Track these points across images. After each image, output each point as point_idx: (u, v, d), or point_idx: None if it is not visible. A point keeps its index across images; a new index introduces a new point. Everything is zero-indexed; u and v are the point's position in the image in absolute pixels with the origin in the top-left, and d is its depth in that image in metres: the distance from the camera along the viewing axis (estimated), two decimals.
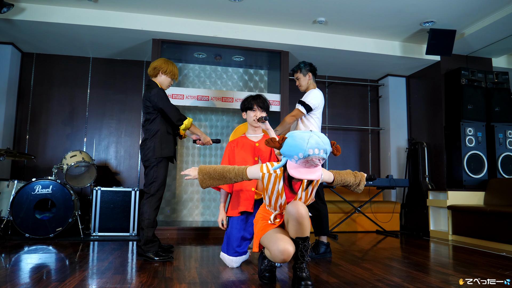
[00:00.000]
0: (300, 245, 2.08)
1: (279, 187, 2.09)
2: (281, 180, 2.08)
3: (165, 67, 3.19)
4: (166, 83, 3.22)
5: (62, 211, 3.87)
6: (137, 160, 5.16)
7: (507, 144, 4.76)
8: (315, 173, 1.91)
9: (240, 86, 5.40)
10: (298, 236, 2.08)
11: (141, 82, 5.29)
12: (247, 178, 2.17)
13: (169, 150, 3.08)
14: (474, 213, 4.12)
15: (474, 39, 4.62)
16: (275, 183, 2.09)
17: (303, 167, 1.89)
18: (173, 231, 4.27)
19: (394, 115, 5.74)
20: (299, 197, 2.11)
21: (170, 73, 3.21)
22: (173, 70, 3.22)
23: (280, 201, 2.12)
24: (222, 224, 2.83)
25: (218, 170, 2.18)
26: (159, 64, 3.20)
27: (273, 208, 2.20)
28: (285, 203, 2.12)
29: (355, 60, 5.18)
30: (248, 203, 2.73)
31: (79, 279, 2.27)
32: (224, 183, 2.20)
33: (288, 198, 2.12)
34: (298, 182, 2.10)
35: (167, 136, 3.09)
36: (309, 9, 4.16)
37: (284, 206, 2.15)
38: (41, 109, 5.01)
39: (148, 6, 4.16)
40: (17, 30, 4.34)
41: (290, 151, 1.89)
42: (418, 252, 3.51)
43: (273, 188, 2.10)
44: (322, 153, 1.86)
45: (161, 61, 3.22)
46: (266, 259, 2.31)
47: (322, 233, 3.22)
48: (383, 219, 5.09)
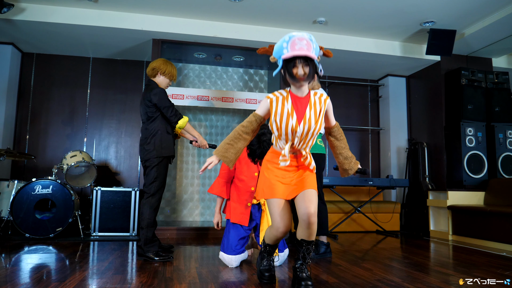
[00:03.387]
0: (304, 247, 2.09)
1: (288, 107, 2.04)
2: (288, 100, 2.05)
3: (163, 68, 3.21)
4: (164, 84, 3.24)
5: (62, 211, 3.87)
6: (137, 160, 5.16)
7: (507, 144, 4.76)
8: (307, 52, 1.90)
9: (240, 86, 5.40)
10: (304, 238, 2.07)
11: (141, 82, 5.29)
12: (260, 118, 2.12)
13: (169, 149, 3.09)
14: (474, 213, 4.12)
15: (474, 39, 4.62)
16: (283, 104, 2.04)
17: (293, 50, 1.91)
18: (173, 231, 4.27)
19: (394, 115, 5.74)
20: (308, 117, 2.04)
21: (169, 74, 3.23)
22: (171, 71, 3.24)
23: (291, 123, 2.01)
24: (217, 225, 2.95)
25: (230, 137, 2.12)
26: (157, 64, 3.21)
27: (284, 137, 2.07)
28: (296, 125, 2.02)
29: (355, 60, 5.18)
30: (245, 218, 2.81)
31: (79, 279, 2.27)
32: (244, 143, 2.13)
33: (298, 118, 2.03)
34: (303, 98, 2.07)
35: (167, 136, 3.10)
36: (309, 9, 4.16)
37: (295, 131, 2.02)
38: (41, 109, 5.01)
39: (148, 6, 4.16)
40: (17, 30, 4.34)
41: (278, 48, 1.97)
42: (418, 252, 3.51)
43: (282, 109, 2.04)
44: (305, 35, 1.92)
45: (160, 62, 3.23)
46: (264, 259, 2.31)
47: (322, 233, 3.22)
48: (383, 219, 5.09)
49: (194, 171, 5.11)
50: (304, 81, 1.98)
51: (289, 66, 1.94)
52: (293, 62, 1.93)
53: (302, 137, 2.05)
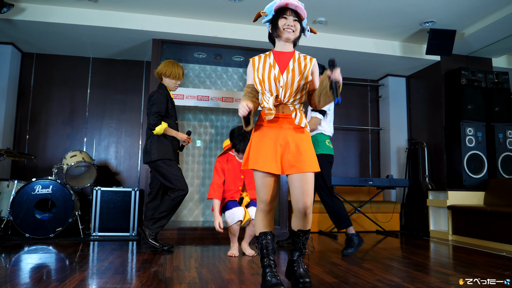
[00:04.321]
0: (302, 238, 2.08)
1: (270, 61, 2.07)
2: (271, 56, 2.10)
3: (164, 70, 3.27)
4: (171, 85, 3.35)
5: (62, 211, 3.87)
6: (137, 160, 5.16)
7: (507, 144, 4.76)
8: (298, 5, 2.01)
9: (240, 86, 5.40)
10: (301, 229, 2.07)
11: (141, 82, 5.30)
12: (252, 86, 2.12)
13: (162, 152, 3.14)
14: (474, 213, 4.12)
15: (474, 39, 4.62)
16: (265, 60, 2.09)
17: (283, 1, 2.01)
18: (173, 231, 4.26)
19: (394, 115, 5.74)
20: (291, 67, 2.03)
21: (172, 75, 3.29)
22: (173, 72, 3.28)
23: (273, 72, 2.02)
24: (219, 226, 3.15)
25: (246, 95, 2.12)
26: (160, 69, 3.31)
27: (268, 90, 2.04)
28: (279, 75, 2.01)
29: (355, 60, 5.18)
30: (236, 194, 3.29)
31: (79, 279, 2.27)
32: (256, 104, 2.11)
33: (281, 69, 2.03)
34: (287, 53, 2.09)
35: (163, 139, 3.17)
36: (309, 9, 4.13)
37: (278, 80, 2.01)
38: (41, 109, 5.01)
39: (148, 6, 4.16)
40: (17, 30, 4.34)
41: (270, 5, 2.07)
42: (418, 252, 3.51)
43: (264, 63, 2.07)
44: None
45: (162, 66, 3.31)
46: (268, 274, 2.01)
47: (347, 225, 3.29)
48: (383, 219, 5.08)
49: (194, 171, 5.11)
50: (291, 35, 2.04)
51: (279, 17, 2.04)
52: (283, 14, 2.04)
53: (287, 87, 2.02)
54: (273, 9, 2.06)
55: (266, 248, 2.05)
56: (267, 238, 2.06)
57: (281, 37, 2.07)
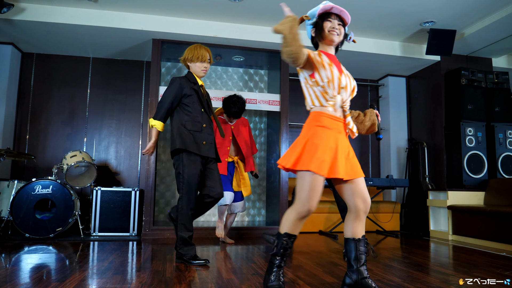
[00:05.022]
0: (368, 244, 2.08)
1: (325, 59, 2.01)
2: (322, 55, 2.04)
3: (186, 55, 2.88)
4: (198, 70, 2.97)
5: (62, 211, 3.87)
6: (137, 160, 5.16)
7: (507, 144, 4.76)
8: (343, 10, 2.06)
9: (240, 86, 5.40)
10: (363, 234, 2.03)
11: (141, 82, 5.29)
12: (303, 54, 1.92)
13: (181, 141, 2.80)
14: (474, 213, 4.12)
15: (474, 39, 4.62)
16: (320, 55, 2.03)
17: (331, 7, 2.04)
18: (173, 231, 4.26)
19: (394, 115, 5.74)
20: (345, 71, 2.08)
21: (194, 57, 2.95)
22: (195, 53, 2.94)
23: (335, 72, 1.97)
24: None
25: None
26: (183, 57, 2.99)
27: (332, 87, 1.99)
28: (340, 76, 1.99)
29: (355, 60, 5.17)
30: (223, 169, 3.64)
31: (79, 279, 2.27)
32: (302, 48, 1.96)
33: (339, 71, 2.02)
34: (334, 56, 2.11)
35: (182, 130, 2.85)
36: (309, 9, 4.15)
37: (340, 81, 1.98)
38: (41, 109, 5.01)
39: (148, 6, 4.16)
40: (17, 30, 4.34)
41: (313, 10, 2.16)
42: (418, 252, 3.51)
43: (321, 59, 2.00)
44: None
45: (185, 53, 2.99)
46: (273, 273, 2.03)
47: None
48: (383, 219, 5.09)
49: None
50: (336, 37, 2.06)
51: (324, 20, 2.06)
52: (328, 17, 2.06)
53: (347, 90, 2.06)
54: (317, 13, 2.08)
55: (285, 249, 2.03)
56: (290, 241, 2.03)
57: (326, 39, 2.06)
